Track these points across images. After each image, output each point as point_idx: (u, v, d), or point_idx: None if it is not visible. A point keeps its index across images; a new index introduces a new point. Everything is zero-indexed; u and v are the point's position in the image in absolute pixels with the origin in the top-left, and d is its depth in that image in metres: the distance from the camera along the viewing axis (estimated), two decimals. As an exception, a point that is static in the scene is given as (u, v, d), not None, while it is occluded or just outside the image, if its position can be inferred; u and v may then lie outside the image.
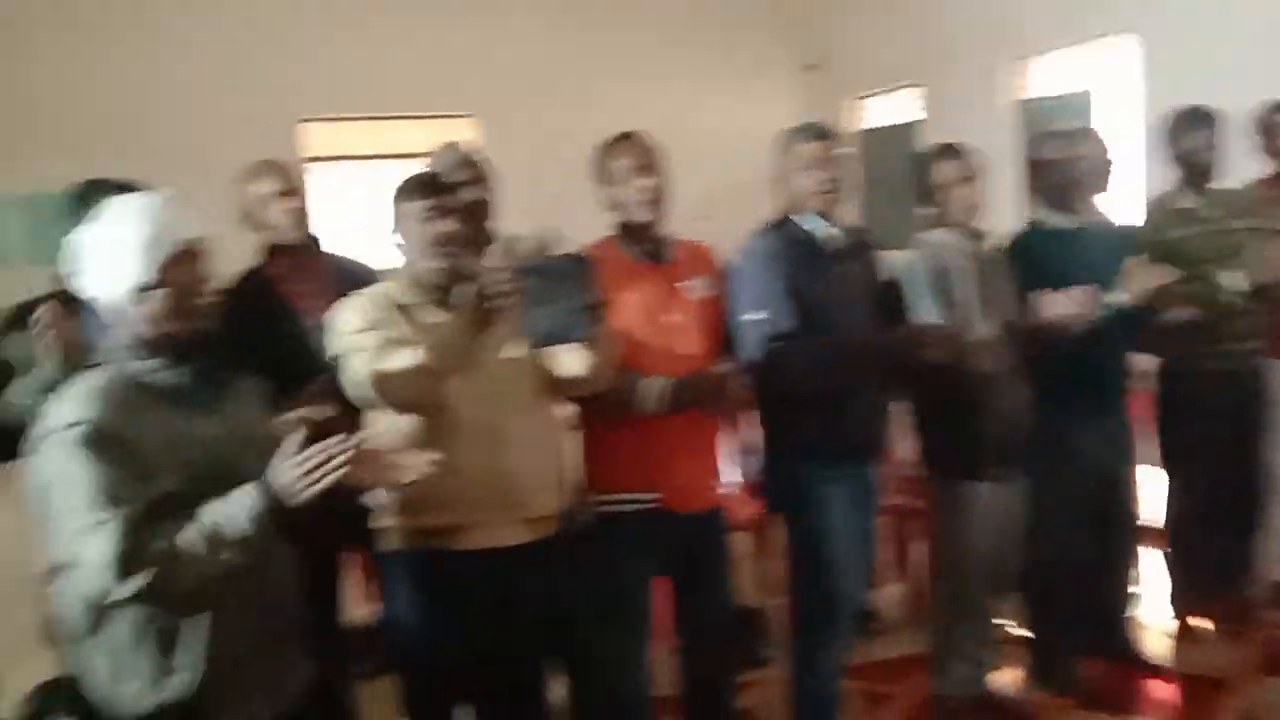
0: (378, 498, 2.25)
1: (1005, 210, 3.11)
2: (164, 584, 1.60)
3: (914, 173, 2.86)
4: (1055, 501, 2.88)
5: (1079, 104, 6.55)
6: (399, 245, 2.32)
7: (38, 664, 2.69)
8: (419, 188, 2.28)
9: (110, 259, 1.71)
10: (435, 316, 2.25)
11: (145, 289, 1.70)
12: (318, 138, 8.61)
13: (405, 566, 2.30)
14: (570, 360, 2.28)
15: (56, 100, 7.99)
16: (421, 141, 8.93)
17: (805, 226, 2.61)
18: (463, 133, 8.90)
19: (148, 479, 1.64)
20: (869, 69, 8.76)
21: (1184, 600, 3.48)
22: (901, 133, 7.99)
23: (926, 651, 3.06)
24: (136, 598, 1.61)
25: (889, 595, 3.76)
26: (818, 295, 2.54)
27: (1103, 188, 3.01)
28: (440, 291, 2.27)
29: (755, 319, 2.52)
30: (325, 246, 2.71)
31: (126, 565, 1.57)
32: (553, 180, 5.51)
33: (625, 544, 2.49)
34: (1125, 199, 4.23)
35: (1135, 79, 6.25)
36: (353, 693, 2.81)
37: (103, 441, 1.61)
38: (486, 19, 8.62)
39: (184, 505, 1.64)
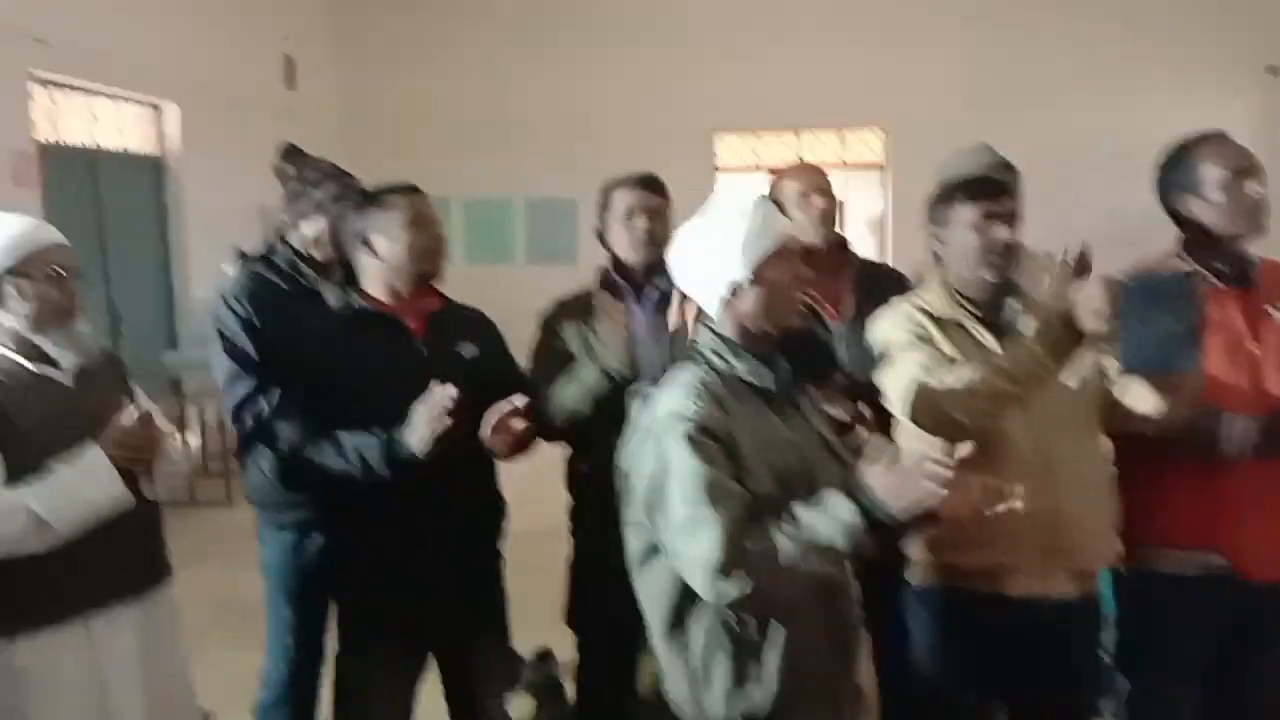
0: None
1: None
2: (764, 591, 1.53)
3: None
4: None
5: None
6: (936, 251, 2.14)
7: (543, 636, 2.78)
8: (976, 189, 2.07)
9: (709, 255, 1.65)
10: (980, 332, 2.04)
11: (741, 286, 1.63)
12: (730, 149, 8.77)
13: (931, 605, 2.10)
14: (1144, 393, 1.97)
15: (488, 113, 8.70)
16: (828, 152, 8.84)
17: None
18: (870, 144, 8.70)
19: (744, 478, 1.58)
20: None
21: None
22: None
23: None
24: (737, 602, 1.54)
25: None
26: None
27: None
28: (985, 307, 2.06)
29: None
30: (852, 248, 2.59)
31: (729, 567, 1.51)
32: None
33: (1179, 611, 2.14)
34: None
35: None
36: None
37: (707, 438, 1.57)
38: (899, 33, 8.34)
39: (773, 508, 1.57)
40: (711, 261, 1.65)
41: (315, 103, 8.27)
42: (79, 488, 1.83)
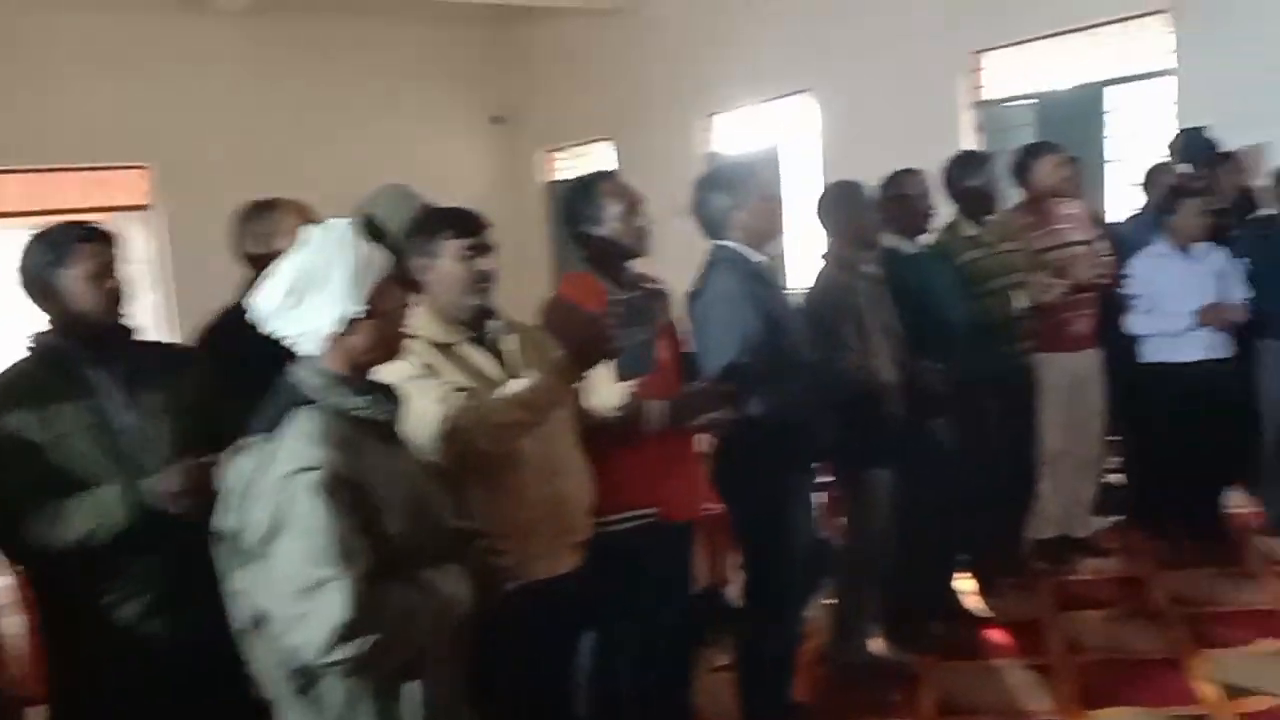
0: None
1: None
2: (380, 655, 1.56)
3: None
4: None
5: (769, 157, 7.43)
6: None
7: None
8: (460, 224, 2.27)
9: (310, 290, 1.61)
10: (474, 354, 2.27)
11: (354, 320, 1.63)
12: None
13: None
14: (608, 393, 2.39)
15: None
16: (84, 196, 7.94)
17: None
18: (137, 184, 8.17)
19: (377, 523, 1.59)
20: (558, 123, 9.17)
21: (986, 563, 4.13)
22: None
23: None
24: (351, 665, 1.55)
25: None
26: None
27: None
28: (472, 328, 2.29)
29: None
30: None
31: (352, 631, 1.50)
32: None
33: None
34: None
35: (814, 134, 7.24)
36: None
37: (338, 487, 1.53)
38: (159, 68, 7.94)
39: (404, 549, 1.61)
40: (315, 296, 1.61)
41: None
42: None
